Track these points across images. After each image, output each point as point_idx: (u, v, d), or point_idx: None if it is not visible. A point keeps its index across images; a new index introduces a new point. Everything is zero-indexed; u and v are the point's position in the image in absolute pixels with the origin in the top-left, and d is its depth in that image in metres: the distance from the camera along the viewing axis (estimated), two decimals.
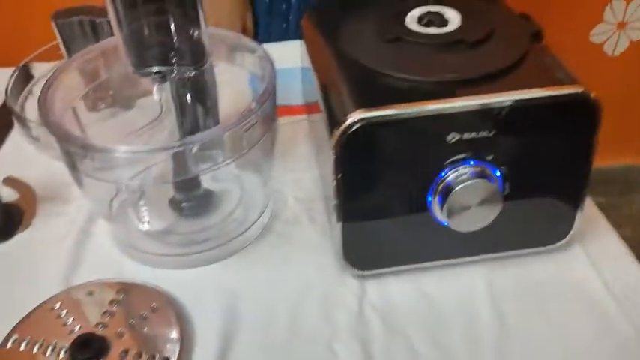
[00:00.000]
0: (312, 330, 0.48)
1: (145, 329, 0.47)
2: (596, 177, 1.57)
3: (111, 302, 0.49)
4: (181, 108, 0.54)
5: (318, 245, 0.54)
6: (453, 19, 0.51)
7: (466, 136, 0.44)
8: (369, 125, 0.43)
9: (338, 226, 0.48)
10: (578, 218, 0.50)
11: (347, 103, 0.44)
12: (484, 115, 0.44)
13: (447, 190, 0.46)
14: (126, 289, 0.50)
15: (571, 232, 0.51)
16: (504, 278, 0.51)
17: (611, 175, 1.63)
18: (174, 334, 0.47)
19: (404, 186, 0.47)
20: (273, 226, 0.57)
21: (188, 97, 0.54)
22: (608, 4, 1.32)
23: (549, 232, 0.51)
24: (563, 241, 0.52)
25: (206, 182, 0.58)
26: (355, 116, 0.43)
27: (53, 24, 0.66)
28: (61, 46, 0.69)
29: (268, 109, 0.49)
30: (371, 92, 0.46)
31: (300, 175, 0.62)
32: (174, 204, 0.57)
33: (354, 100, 0.45)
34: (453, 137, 0.44)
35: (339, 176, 0.45)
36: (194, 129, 0.53)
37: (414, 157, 0.45)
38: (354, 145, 0.44)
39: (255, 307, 0.50)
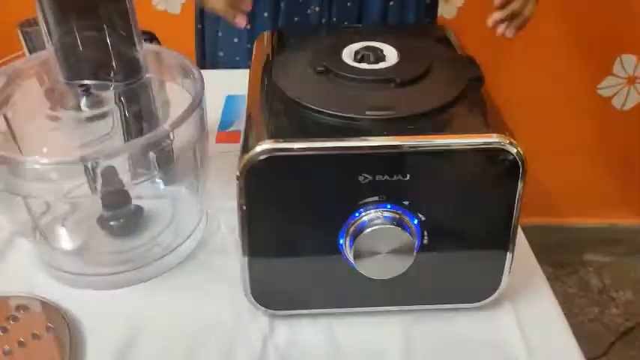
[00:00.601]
0: None
1: (33, 349, 0.45)
2: (601, 235, 1.50)
3: (7, 318, 0.47)
4: (124, 122, 0.54)
5: (239, 279, 0.52)
6: (390, 56, 0.49)
7: (379, 178, 0.42)
8: (276, 157, 0.41)
9: (244, 261, 0.45)
10: (506, 275, 0.47)
11: (258, 133, 0.43)
12: (397, 158, 0.41)
13: (358, 233, 0.43)
14: (27, 306, 0.49)
15: (498, 291, 0.48)
16: (423, 332, 0.48)
17: (617, 234, 1.57)
18: (61, 356, 0.45)
19: (314, 224, 0.44)
20: (197, 253, 0.55)
21: (126, 111, 0.53)
22: (618, 58, 1.28)
23: (475, 289, 0.48)
24: (489, 299, 0.48)
25: (140, 200, 0.57)
26: (262, 146, 0.41)
27: (19, 32, 0.67)
28: (27, 55, 0.69)
29: (191, 131, 0.48)
30: (285, 124, 0.44)
31: None
32: (102, 222, 0.56)
33: (264, 130, 0.43)
34: (364, 178, 0.42)
35: (244, 208, 0.43)
36: None
37: (324, 195, 0.43)
38: (260, 176, 0.42)
39: (154, 339, 0.47)
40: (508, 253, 0.46)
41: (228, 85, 0.79)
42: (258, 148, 0.41)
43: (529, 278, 0.52)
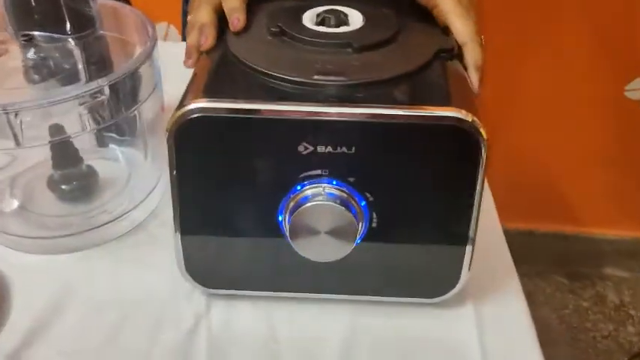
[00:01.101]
0: (128, 342, 0.42)
1: None
2: (623, 248, 1.41)
3: None
4: (87, 77, 0.52)
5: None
6: (355, 21, 0.44)
7: (320, 149, 0.38)
8: (208, 118, 0.37)
9: (177, 234, 0.42)
10: (465, 271, 0.42)
11: (195, 91, 0.39)
12: (340, 127, 0.37)
13: (297, 208, 0.39)
14: None
15: (457, 287, 0.43)
16: (369, 325, 0.44)
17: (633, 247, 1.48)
18: None
19: (252, 198, 0.40)
20: (148, 223, 0.52)
21: (87, 65, 0.51)
22: None
23: (432, 283, 0.44)
24: (447, 296, 0.43)
25: (93, 161, 0.54)
26: (195, 104, 0.37)
27: None
28: None
29: (136, 89, 0.45)
30: (226, 84, 0.40)
31: None
32: (52, 184, 0.53)
33: (202, 89, 0.39)
34: (305, 148, 0.38)
35: (174, 173, 0.40)
36: None
37: (262, 166, 0.39)
38: (191, 137, 0.38)
39: (81, 308, 0.45)
40: (467, 246, 0.41)
41: None
42: (191, 106, 0.37)
43: (501, 281, 0.47)
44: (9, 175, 0.54)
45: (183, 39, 0.87)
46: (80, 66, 0.52)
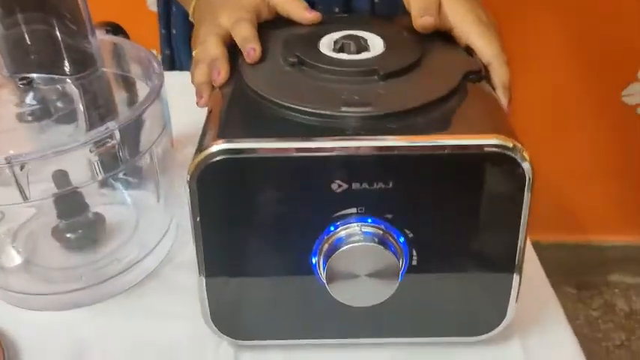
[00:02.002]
0: None
1: None
2: (629, 255, 1.38)
3: None
4: (87, 118, 0.49)
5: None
6: (375, 46, 0.42)
7: (355, 186, 0.35)
8: (234, 159, 0.35)
9: (201, 282, 0.39)
10: (512, 304, 0.40)
11: (215, 131, 0.36)
12: (376, 162, 0.35)
13: (333, 251, 0.36)
14: None
15: (504, 322, 0.40)
16: None
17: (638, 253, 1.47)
18: None
19: (282, 240, 0.37)
20: (162, 269, 0.49)
21: (87, 106, 0.48)
22: None
23: (477, 319, 0.41)
24: (494, 332, 0.41)
25: (101, 207, 0.51)
26: (219, 146, 0.35)
27: None
28: None
29: (146, 130, 0.42)
30: (247, 121, 0.38)
31: None
32: (57, 233, 0.50)
33: (223, 128, 0.37)
34: (338, 186, 0.35)
35: (198, 219, 0.37)
36: None
37: (293, 206, 0.36)
38: (215, 180, 0.35)
39: None
40: (514, 276, 0.38)
41: None
42: (214, 148, 0.35)
43: (541, 307, 0.44)
44: (9, 227, 0.50)
45: (169, 68, 0.84)
46: (79, 106, 0.49)
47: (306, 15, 0.46)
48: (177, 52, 0.80)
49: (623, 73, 1.19)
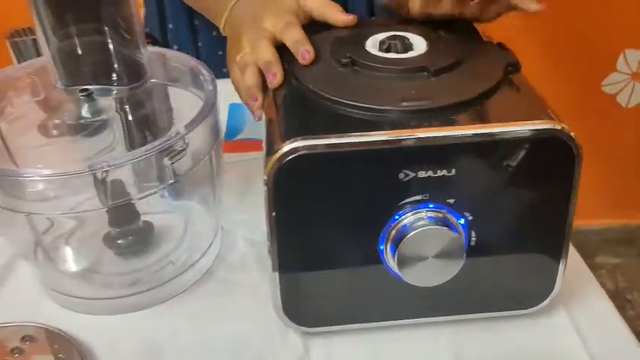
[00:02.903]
0: None
1: None
2: (612, 236, 1.44)
3: (12, 350, 0.42)
4: (126, 131, 0.50)
5: (264, 295, 0.47)
6: (418, 45, 0.45)
7: (421, 174, 0.38)
8: (306, 156, 0.37)
9: (275, 275, 0.41)
10: (560, 278, 0.43)
11: (283, 132, 0.39)
12: (440, 151, 0.37)
13: (401, 237, 0.39)
14: (34, 335, 0.44)
15: (552, 294, 0.44)
16: (472, 345, 0.43)
17: (629, 234, 1.54)
18: None
19: (351, 230, 0.40)
20: (216, 270, 0.51)
21: (130, 117, 0.49)
22: (622, 54, 1.26)
23: (527, 294, 0.44)
24: (542, 305, 0.44)
25: (149, 215, 0.52)
26: (291, 145, 0.37)
27: (8, 43, 0.63)
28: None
29: (206, 135, 0.44)
30: (313, 120, 0.40)
31: (257, 215, 0.56)
32: (108, 240, 0.51)
33: (291, 128, 0.39)
34: (405, 175, 0.38)
35: (273, 214, 0.39)
36: None
37: (361, 197, 0.39)
38: (290, 178, 0.37)
39: None
40: (562, 253, 0.42)
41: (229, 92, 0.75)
42: (286, 147, 0.37)
43: (578, 281, 0.48)
44: (60, 234, 0.51)
45: None
46: (116, 118, 0.50)
47: (343, 18, 0.49)
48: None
49: (603, 63, 1.26)
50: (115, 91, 0.46)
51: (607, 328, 0.44)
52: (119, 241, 0.51)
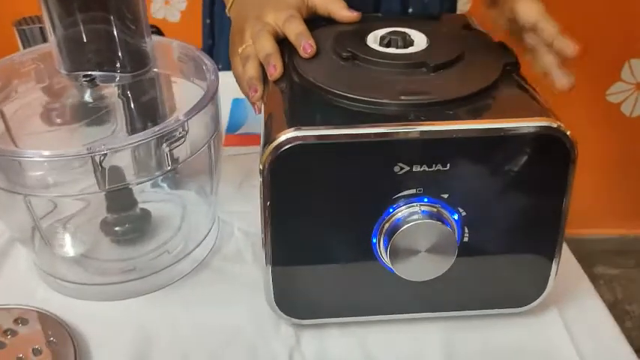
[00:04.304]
0: None
1: None
2: (611, 247, 1.44)
3: (5, 332, 0.43)
4: (128, 118, 0.50)
5: (258, 286, 0.47)
6: (419, 41, 0.45)
7: (416, 168, 0.38)
8: (302, 146, 0.37)
9: (268, 267, 0.41)
10: (553, 277, 0.43)
11: (281, 122, 0.39)
12: (436, 145, 0.38)
13: (394, 230, 0.39)
14: (27, 318, 0.44)
15: (544, 294, 0.44)
16: (464, 342, 0.43)
17: (627, 245, 1.53)
18: None
19: (345, 222, 0.40)
20: (211, 260, 0.51)
21: (132, 105, 0.50)
22: (626, 63, 1.26)
23: (519, 292, 0.44)
24: (534, 304, 0.44)
25: (147, 204, 0.52)
26: (287, 135, 0.37)
27: (15, 30, 0.63)
28: None
29: (206, 124, 0.44)
30: (311, 112, 0.40)
31: (255, 207, 0.56)
32: (106, 227, 0.51)
33: (288, 119, 0.39)
34: (400, 169, 0.38)
35: (268, 204, 0.39)
36: None
37: (356, 189, 0.39)
38: (285, 168, 0.38)
39: (167, 354, 0.43)
40: (556, 252, 0.42)
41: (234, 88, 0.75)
42: (283, 137, 0.37)
43: (572, 281, 0.48)
44: (59, 219, 0.51)
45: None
46: (118, 106, 0.51)
47: (347, 14, 0.49)
48: (217, 43, 0.82)
49: (608, 72, 1.26)
50: (118, 78, 0.46)
51: (598, 329, 0.44)
52: (116, 228, 0.52)
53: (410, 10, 0.72)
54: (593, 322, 0.45)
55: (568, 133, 0.38)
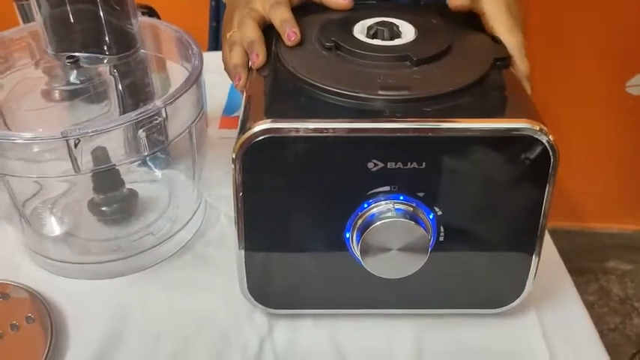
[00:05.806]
0: None
1: (12, 341, 0.42)
2: (625, 242, 1.42)
3: None
4: (120, 98, 0.50)
5: (237, 274, 0.48)
6: (407, 33, 0.44)
7: (390, 165, 0.37)
8: (275, 138, 0.37)
9: (240, 254, 0.41)
10: (531, 280, 0.42)
11: (257, 112, 0.39)
12: (411, 143, 0.37)
13: (366, 226, 0.39)
14: (7, 293, 0.45)
15: (521, 296, 0.43)
16: (436, 340, 0.43)
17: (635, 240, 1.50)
18: (41, 350, 0.41)
19: (319, 216, 0.40)
20: (194, 244, 0.51)
21: (120, 86, 0.50)
22: None
23: (496, 294, 0.43)
24: (511, 305, 0.43)
25: (134, 184, 0.53)
26: (261, 126, 0.37)
27: (15, 5, 0.64)
28: None
29: (187, 109, 0.44)
30: (287, 103, 0.40)
31: None
32: (93, 206, 0.52)
33: (264, 109, 0.39)
34: (374, 165, 0.38)
35: (240, 194, 0.39)
36: None
37: (329, 183, 0.39)
38: (258, 159, 0.37)
39: (141, 335, 0.44)
40: (534, 255, 0.41)
41: None
42: (256, 128, 0.37)
43: (555, 284, 0.47)
44: (46, 199, 0.52)
45: (214, 40, 0.85)
46: (113, 86, 0.51)
47: (339, 1, 0.48)
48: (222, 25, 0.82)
49: (628, 64, 1.22)
50: (105, 60, 0.46)
51: (576, 333, 0.44)
52: (103, 208, 0.52)
53: None
54: (571, 327, 0.44)
55: (550, 136, 0.37)
